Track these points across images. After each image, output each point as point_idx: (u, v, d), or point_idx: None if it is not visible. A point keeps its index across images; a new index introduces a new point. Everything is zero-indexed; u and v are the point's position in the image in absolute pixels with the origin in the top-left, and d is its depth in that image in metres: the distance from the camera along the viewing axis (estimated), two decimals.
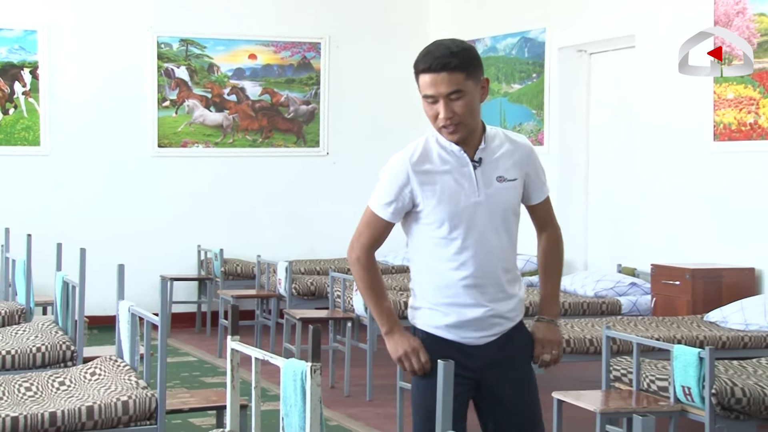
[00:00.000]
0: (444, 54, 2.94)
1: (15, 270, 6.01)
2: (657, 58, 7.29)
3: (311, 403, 2.81)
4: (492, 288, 3.02)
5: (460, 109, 2.94)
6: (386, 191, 3.05)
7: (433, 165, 3.02)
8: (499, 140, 3.08)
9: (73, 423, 3.71)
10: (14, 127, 8.86)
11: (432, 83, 2.94)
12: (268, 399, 5.25)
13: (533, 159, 3.14)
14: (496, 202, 3.03)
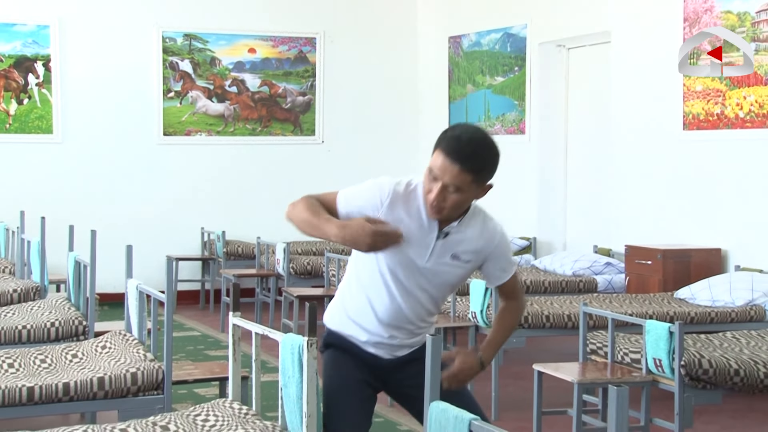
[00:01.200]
0: (467, 152, 2.80)
1: (30, 250, 6.00)
2: (631, 53, 7.29)
3: (308, 374, 2.81)
4: (404, 332, 3.00)
5: (450, 201, 2.83)
6: (357, 194, 2.93)
7: (407, 212, 2.89)
8: (474, 224, 2.96)
9: (86, 392, 3.71)
10: (28, 117, 8.82)
11: (442, 167, 2.81)
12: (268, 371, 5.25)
13: (501, 247, 3.00)
14: (439, 273, 2.93)
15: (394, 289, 2.92)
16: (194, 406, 3.26)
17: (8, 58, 8.75)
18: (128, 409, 3.69)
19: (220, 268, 8.49)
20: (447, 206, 2.83)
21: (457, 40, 9.35)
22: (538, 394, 4.34)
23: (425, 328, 3.02)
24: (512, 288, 3.08)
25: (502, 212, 9.10)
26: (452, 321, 5.47)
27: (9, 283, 5.81)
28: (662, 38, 6.97)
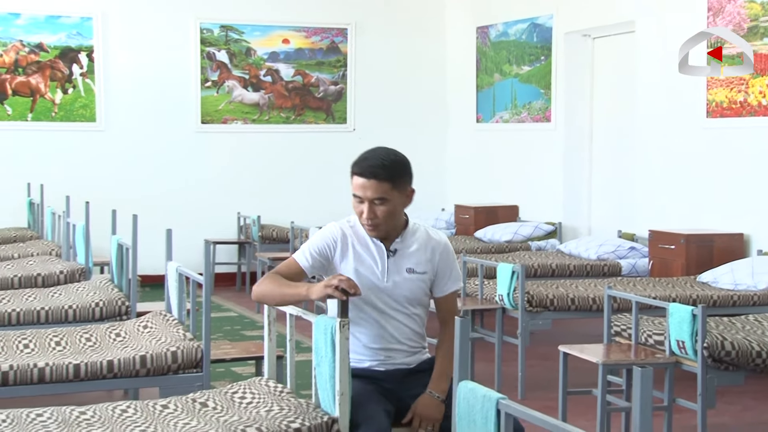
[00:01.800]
0: (376, 165, 3.01)
1: (75, 234, 6.05)
2: (655, 42, 7.21)
3: (340, 354, 2.82)
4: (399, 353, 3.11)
5: (381, 213, 3.01)
6: (310, 245, 3.11)
7: (357, 242, 3.08)
8: (418, 236, 3.12)
9: (128, 370, 3.74)
10: (73, 105, 8.89)
11: (361, 186, 3.01)
12: (302, 351, 5.27)
13: (446, 256, 3.13)
14: (401, 289, 3.08)
15: (372, 313, 3.07)
16: (231, 383, 3.28)
17: (54, 49, 8.81)
18: (169, 386, 3.72)
19: (255, 251, 8.52)
20: (380, 219, 3.01)
21: (484, 30, 9.29)
22: (564, 375, 4.32)
23: (419, 349, 3.15)
24: (450, 306, 3.16)
25: (529, 197, 9.14)
26: (480, 303, 5.45)
27: (56, 264, 5.86)
28: (686, 28, 6.87)
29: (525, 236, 8.05)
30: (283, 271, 3.07)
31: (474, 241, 8.15)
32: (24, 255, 6.55)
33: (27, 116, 8.77)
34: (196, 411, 3.03)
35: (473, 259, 5.69)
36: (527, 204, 8.72)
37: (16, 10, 8.71)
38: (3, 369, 3.61)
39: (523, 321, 5.19)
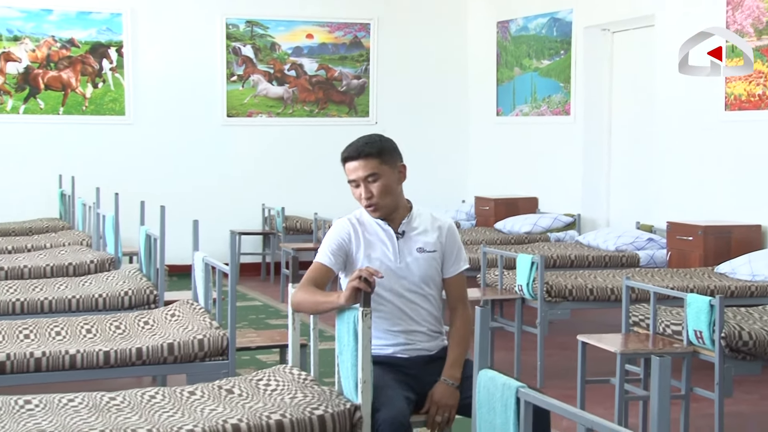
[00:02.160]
0: (360, 144, 3.10)
1: (105, 224, 6.09)
2: (674, 36, 7.13)
3: (362, 343, 2.82)
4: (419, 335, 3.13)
5: (376, 190, 3.07)
6: (327, 244, 3.15)
7: (366, 231, 3.14)
8: (423, 219, 3.18)
9: (156, 357, 3.76)
10: (103, 99, 8.94)
11: (353, 169, 3.09)
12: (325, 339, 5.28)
13: (452, 236, 3.19)
14: (414, 269, 3.12)
15: (389, 296, 3.09)
16: (256, 371, 3.29)
17: (84, 44, 8.86)
18: (196, 373, 3.73)
19: (279, 242, 8.54)
20: (378, 197, 3.07)
21: (505, 25, 9.24)
22: (582, 364, 4.30)
23: (437, 335, 3.16)
24: (459, 289, 3.18)
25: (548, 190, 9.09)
26: (500, 293, 5.44)
27: (86, 254, 5.90)
28: (705, 21, 6.81)
29: (544, 228, 8.02)
30: (313, 276, 3.11)
31: (494, 233, 8.13)
32: (56, 245, 6.60)
33: (59, 110, 8.83)
34: (222, 397, 3.04)
35: (493, 250, 5.67)
36: (546, 196, 8.69)
37: (49, 7, 8.77)
38: (36, 355, 3.65)
39: (542, 311, 5.18)
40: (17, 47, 8.70)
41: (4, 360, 3.61)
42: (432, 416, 2.99)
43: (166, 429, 2.71)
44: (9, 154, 8.70)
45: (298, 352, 3.29)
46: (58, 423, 2.74)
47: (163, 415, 2.85)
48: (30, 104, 8.75)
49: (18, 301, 4.69)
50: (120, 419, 2.81)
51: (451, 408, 3.00)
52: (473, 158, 9.81)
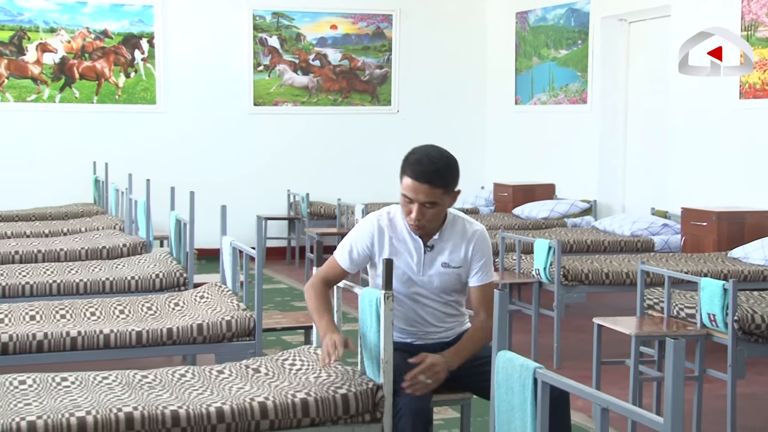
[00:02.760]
0: (430, 170, 2.90)
1: (137, 209, 6.12)
2: (690, 26, 7.05)
3: (385, 325, 2.82)
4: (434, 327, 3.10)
5: (429, 216, 2.95)
6: (350, 243, 3.07)
7: (395, 236, 3.03)
8: (455, 230, 3.04)
9: (186, 337, 3.79)
10: (135, 89, 8.98)
11: (413, 189, 2.92)
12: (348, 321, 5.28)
13: (480, 250, 3.04)
14: (435, 282, 3.04)
15: (407, 301, 3.05)
16: (282, 351, 3.30)
17: (117, 35, 8.89)
18: (224, 353, 3.76)
19: (304, 226, 8.56)
20: (427, 221, 2.95)
21: (523, 15, 9.18)
22: (598, 346, 4.28)
23: (456, 325, 3.12)
24: (482, 298, 3.05)
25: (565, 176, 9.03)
26: (517, 277, 5.43)
27: (119, 238, 5.94)
28: (720, 11, 6.73)
29: (561, 213, 7.99)
30: (327, 273, 3.08)
31: (512, 218, 8.10)
32: (90, 229, 6.64)
33: (93, 99, 8.88)
34: (249, 376, 3.06)
35: (511, 235, 5.66)
36: (563, 182, 8.64)
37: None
38: (72, 335, 3.68)
39: (558, 294, 5.16)
40: (53, 38, 8.75)
41: (42, 339, 3.65)
42: (416, 375, 2.86)
43: (196, 406, 2.72)
44: (46, 141, 8.76)
45: None
46: (93, 399, 2.77)
47: (193, 393, 2.87)
48: (65, 93, 8.80)
49: (54, 283, 4.73)
50: (152, 396, 2.83)
51: (437, 375, 2.88)
52: (492, 146, 9.77)
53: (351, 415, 2.84)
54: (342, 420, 2.82)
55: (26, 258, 5.50)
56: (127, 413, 2.64)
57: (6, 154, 8.66)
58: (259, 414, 2.74)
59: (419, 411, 2.80)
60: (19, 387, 2.89)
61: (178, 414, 2.67)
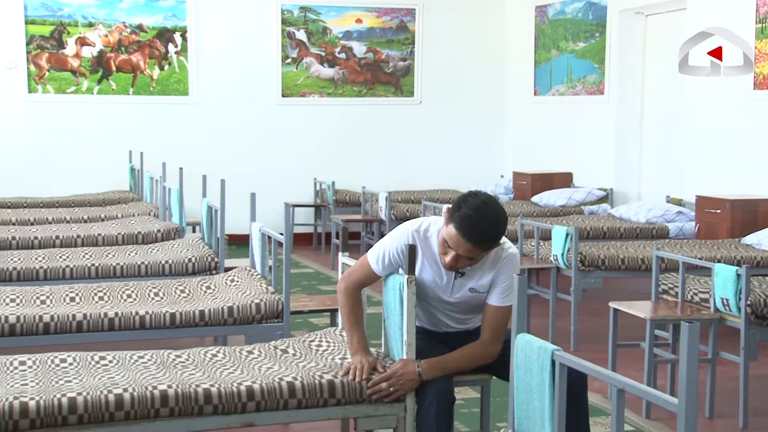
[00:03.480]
0: (479, 233, 2.74)
1: (170, 196, 6.15)
2: (705, 19, 6.97)
3: (407, 308, 2.82)
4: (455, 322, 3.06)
5: (463, 264, 2.85)
6: (383, 251, 2.95)
7: (428, 256, 2.91)
8: (489, 255, 2.88)
9: (218, 319, 3.81)
10: (168, 81, 9.01)
11: (456, 242, 2.77)
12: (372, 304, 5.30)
13: (509, 270, 2.88)
14: (462, 305, 2.98)
15: (432, 310, 3.02)
16: (309, 333, 3.31)
17: (152, 29, 8.93)
18: (253, 334, 3.77)
19: (330, 213, 8.56)
20: (459, 267, 2.85)
21: (543, 9, 9.10)
22: (614, 329, 4.26)
23: (477, 320, 3.05)
24: (494, 320, 2.89)
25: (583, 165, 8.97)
26: (536, 263, 5.40)
27: (154, 224, 5.97)
28: (735, 4, 6.64)
29: (578, 201, 7.94)
30: (360, 277, 3.00)
31: (531, 206, 8.07)
32: (126, 215, 6.69)
33: (128, 90, 8.92)
34: (277, 357, 3.07)
35: (530, 222, 5.63)
36: (581, 171, 8.58)
37: None
38: (110, 316, 3.71)
39: (576, 279, 5.13)
40: (92, 33, 8.79)
41: (81, 319, 3.69)
42: (381, 380, 2.77)
43: (227, 384, 2.74)
44: (84, 131, 8.82)
45: None
46: (129, 377, 2.79)
47: (224, 372, 2.89)
48: (103, 85, 8.86)
49: (93, 266, 4.77)
50: (185, 375, 2.85)
51: (402, 388, 2.78)
52: (511, 135, 9.72)
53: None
54: (366, 400, 2.82)
55: (66, 242, 5.55)
56: (162, 391, 2.66)
57: (47, 143, 8.74)
58: (288, 393, 2.75)
59: (443, 391, 2.80)
60: (60, 365, 2.92)
61: (210, 392, 2.69)
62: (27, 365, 2.91)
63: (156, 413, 2.63)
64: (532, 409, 2.33)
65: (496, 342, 2.90)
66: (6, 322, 3.61)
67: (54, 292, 4.01)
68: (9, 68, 8.58)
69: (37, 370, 2.86)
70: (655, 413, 4.02)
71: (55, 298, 3.94)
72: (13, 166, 8.61)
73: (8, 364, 2.91)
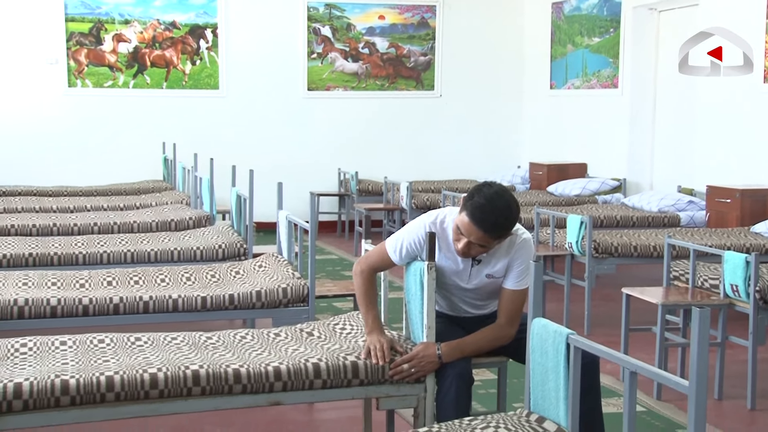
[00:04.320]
0: (490, 221, 2.73)
1: (201, 186, 6.17)
2: (717, 15, 6.88)
3: (428, 293, 2.81)
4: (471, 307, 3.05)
5: (475, 252, 2.84)
6: (402, 239, 2.94)
7: (445, 246, 2.91)
8: (503, 244, 2.87)
9: (246, 303, 3.82)
10: (200, 75, 9.04)
11: (468, 229, 2.77)
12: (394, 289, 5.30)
13: (524, 254, 2.87)
14: (480, 290, 2.97)
15: (451, 297, 3.01)
16: (333, 316, 3.31)
17: (184, 26, 8.95)
18: (280, 318, 3.78)
19: (353, 202, 8.57)
20: (472, 254, 2.84)
21: (559, 5, 9.02)
22: (626, 314, 4.23)
23: (494, 306, 3.04)
24: (510, 303, 2.88)
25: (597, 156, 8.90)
26: (551, 250, 5.37)
27: (186, 212, 6.00)
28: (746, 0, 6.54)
29: (592, 191, 7.89)
30: (377, 262, 2.98)
31: (546, 195, 8.02)
32: (160, 203, 6.73)
33: (162, 85, 8.96)
34: (303, 339, 3.08)
35: (545, 211, 5.60)
36: (595, 162, 8.52)
37: None
38: (144, 299, 3.74)
39: (589, 266, 5.10)
40: (127, 29, 8.84)
41: (118, 302, 3.72)
42: (403, 362, 2.78)
43: (256, 365, 2.75)
44: (120, 124, 8.88)
45: None
46: (163, 357, 2.82)
47: (253, 353, 2.90)
48: (138, 80, 8.90)
49: (129, 252, 4.80)
50: (216, 356, 2.86)
51: (423, 370, 2.78)
52: (528, 127, 9.66)
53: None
54: (388, 381, 2.83)
55: (104, 229, 5.59)
56: (194, 370, 2.68)
57: (85, 135, 8.80)
58: (313, 373, 2.75)
59: (462, 373, 2.80)
60: (98, 345, 2.95)
61: (240, 372, 2.70)
62: (67, 345, 2.94)
63: (188, 392, 2.65)
64: (547, 390, 2.33)
65: (512, 324, 2.89)
66: (48, 304, 3.65)
67: (92, 276, 4.04)
68: (50, 64, 8.65)
69: (77, 350, 2.89)
70: (665, 395, 3.99)
71: (93, 282, 3.97)
72: (54, 157, 8.68)
73: (50, 344, 2.94)
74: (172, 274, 4.10)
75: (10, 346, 2.92)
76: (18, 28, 8.55)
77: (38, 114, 8.68)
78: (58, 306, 3.65)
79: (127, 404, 2.60)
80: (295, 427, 3.57)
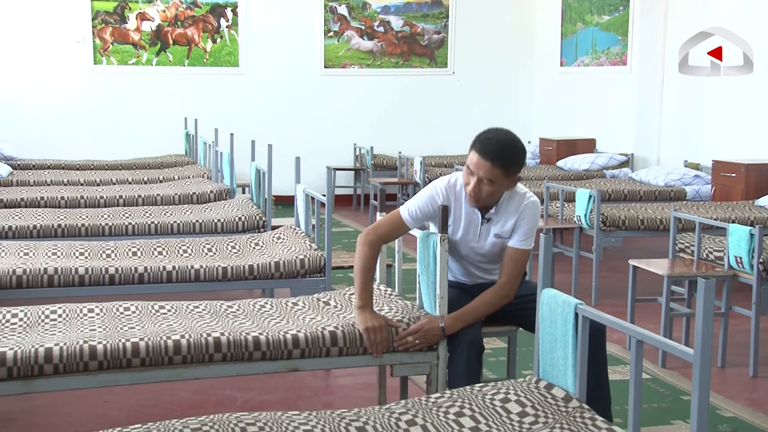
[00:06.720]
0: (495, 150, 2.78)
1: (222, 160, 6.18)
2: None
3: (440, 264, 2.80)
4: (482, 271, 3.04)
5: (485, 191, 2.83)
6: (416, 203, 2.94)
7: (457, 206, 2.94)
8: (512, 203, 2.90)
9: (265, 273, 3.83)
10: (220, 53, 9.01)
11: (476, 164, 2.81)
12: (407, 261, 5.30)
13: (530, 215, 2.89)
14: (489, 248, 2.96)
15: (462, 261, 3.01)
16: (349, 287, 3.31)
17: (205, 5, 8.91)
18: (298, 288, 3.79)
19: (368, 176, 8.55)
20: (483, 195, 2.84)
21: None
22: (633, 285, 4.21)
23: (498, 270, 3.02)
24: (512, 261, 2.87)
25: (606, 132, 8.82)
26: (560, 223, 5.35)
27: (207, 185, 6.01)
28: None
29: (601, 165, 7.83)
30: (387, 229, 2.94)
31: (556, 170, 7.97)
32: (182, 177, 6.74)
33: (184, 62, 8.94)
34: (320, 308, 3.08)
35: (555, 185, 5.56)
36: (603, 137, 8.45)
37: None
38: (168, 269, 3.76)
39: (597, 238, 5.07)
40: (151, 8, 8.80)
41: (142, 272, 3.73)
42: (404, 336, 2.76)
43: (274, 333, 2.76)
44: (144, 100, 8.88)
45: (384, 271, 3.31)
46: (186, 325, 2.83)
47: (271, 322, 2.91)
48: (161, 57, 8.88)
49: (152, 224, 4.82)
50: (236, 324, 2.88)
51: (428, 342, 2.77)
52: (538, 104, 9.58)
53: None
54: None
55: (128, 202, 5.61)
56: (215, 338, 2.69)
57: (110, 111, 8.81)
58: (330, 341, 2.76)
59: (473, 340, 2.79)
60: (124, 313, 2.97)
61: (259, 339, 2.71)
62: (95, 312, 2.96)
63: (210, 358, 2.66)
64: (555, 358, 2.32)
65: (512, 283, 2.88)
66: (76, 273, 3.67)
67: (118, 246, 4.06)
68: (77, 42, 8.64)
69: (104, 317, 2.91)
70: (670, 363, 3.98)
71: (119, 253, 3.99)
72: (81, 132, 8.71)
73: (78, 312, 2.96)
74: (194, 245, 4.11)
75: (41, 312, 2.95)
76: (46, 8, 8.54)
77: (65, 91, 8.69)
78: (85, 275, 3.67)
79: (152, 369, 2.62)
80: (313, 392, 3.59)
